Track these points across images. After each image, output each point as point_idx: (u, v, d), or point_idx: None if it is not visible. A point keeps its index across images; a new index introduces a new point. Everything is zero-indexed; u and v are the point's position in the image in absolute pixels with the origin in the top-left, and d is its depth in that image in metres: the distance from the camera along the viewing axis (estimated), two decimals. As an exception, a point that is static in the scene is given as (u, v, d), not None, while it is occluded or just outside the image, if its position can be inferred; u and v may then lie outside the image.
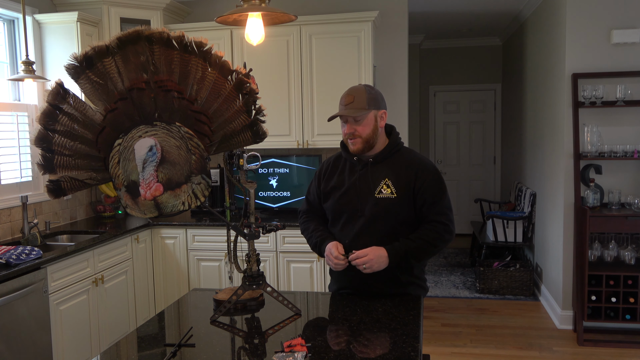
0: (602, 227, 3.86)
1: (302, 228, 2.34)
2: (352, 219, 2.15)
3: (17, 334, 2.80)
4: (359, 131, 2.10)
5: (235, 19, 2.05)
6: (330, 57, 4.18)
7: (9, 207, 3.60)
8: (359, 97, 2.10)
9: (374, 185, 2.13)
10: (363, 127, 2.10)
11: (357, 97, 2.10)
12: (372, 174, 2.15)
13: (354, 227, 2.14)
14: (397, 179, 2.12)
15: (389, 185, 2.12)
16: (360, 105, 2.09)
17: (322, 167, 2.32)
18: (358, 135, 2.11)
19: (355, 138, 2.11)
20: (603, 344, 3.91)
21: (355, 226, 2.14)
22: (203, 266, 4.12)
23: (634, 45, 4.00)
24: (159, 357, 1.69)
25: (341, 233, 2.18)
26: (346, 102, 2.10)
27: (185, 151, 1.79)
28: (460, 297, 5.12)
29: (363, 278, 2.10)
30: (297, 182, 4.32)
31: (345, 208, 2.17)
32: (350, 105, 2.09)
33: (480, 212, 6.63)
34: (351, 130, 2.11)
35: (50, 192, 1.89)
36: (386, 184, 2.12)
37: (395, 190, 2.11)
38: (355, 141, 2.12)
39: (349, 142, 2.14)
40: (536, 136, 5.26)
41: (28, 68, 3.37)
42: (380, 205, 2.11)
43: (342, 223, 2.19)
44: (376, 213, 2.11)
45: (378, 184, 2.13)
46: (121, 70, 1.77)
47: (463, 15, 6.06)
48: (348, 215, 2.16)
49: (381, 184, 2.12)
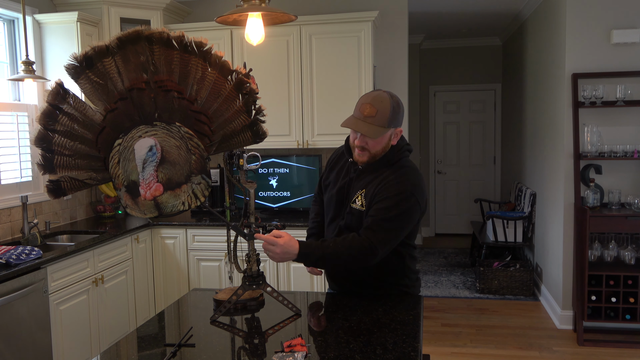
0: (602, 227, 3.86)
1: (310, 209, 2.42)
2: (335, 219, 2.18)
3: (17, 334, 2.80)
4: (370, 146, 2.00)
5: (235, 19, 2.06)
6: (330, 57, 4.18)
7: (9, 207, 3.60)
8: (382, 112, 1.93)
9: (352, 194, 2.09)
10: (375, 143, 1.99)
11: (380, 111, 1.93)
12: (355, 182, 2.10)
13: (335, 229, 2.16)
14: (369, 191, 2.03)
15: (362, 197, 2.04)
16: (381, 122, 1.94)
17: (332, 155, 2.31)
18: (368, 149, 2.01)
19: (364, 151, 2.02)
20: (603, 344, 3.91)
21: (336, 227, 2.16)
22: (203, 266, 4.12)
23: (634, 45, 4.00)
24: (159, 357, 1.69)
25: (328, 229, 2.23)
26: (367, 114, 1.93)
27: (185, 151, 1.79)
28: (460, 297, 5.12)
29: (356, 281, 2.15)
30: (297, 182, 4.32)
31: (332, 208, 2.19)
32: (371, 120, 1.93)
33: (480, 212, 6.63)
34: (362, 144, 2.00)
35: (50, 192, 1.89)
36: (361, 194, 2.05)
37: (364, 203, 2.03)
38: (363, 154, 2.03)
39: (357, 151, 2.04)
40: (536, 136, 5.25)
41: (28, 68, 3.37)
42: (353, 215, 2.07)
43: (329, 218, 2.22)
44: (349, 221, 2.09)
45: (354, 194, 2.07)
46: (121, 70, 1.77)
47: (463, 15, 6.06)
48: (333, 215, 2.19)
49: (357, 194, 2.06)
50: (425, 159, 7.91)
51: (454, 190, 7.91)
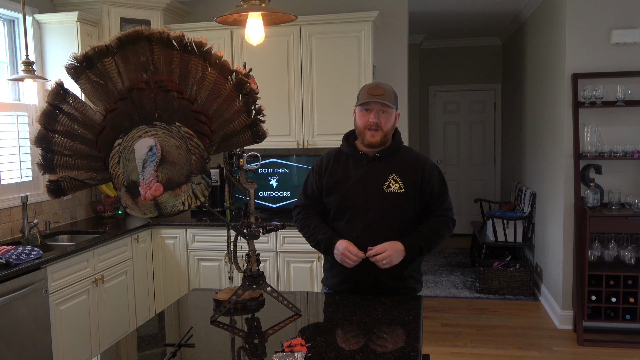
0: (602, 227, 3.86)
1: (301, 225, 2.27)
2: (359, 213, 2.15)
3: (17, 334, 2.80)
4: (383, 122, 2.14)
5: (235, 19, 2.05)
6: (330, 57, 4.18)
7: (9, 207, 3.60)
8: (389, 92, 2.15)
9: (382, 179, 2.16)
10: (386, 121, 2.15)
11: (387, 91, 2.14)
12: (378, 169, 2.18)
13: (362, 221, 2.14)
14: (404, 174, 2.17)
15: (397, 180, 2.16)
16: (389, 99, 2.14)
17: (321, 162, 2.28)
18: (381, 127, 2.14)
19: (377, 130, 2.14)
20: (603, 344, 3.90)
21: (364, 220, 2.13)
22: (203, 266, 4.12)
23: (634, 45, 4.00)
24: (159, 357, 1.69)
25: (347, 227, 2.16)
26: (377, 93, 2.13)
27: (185, 151, 1.79)
28: (460, 297, 5.12)
29: (369, 272, 2.11)
30: (297, 182, 4.32)
31: (352, 202, 2.16)
32: (382, 97, 2.12)
33: (480, 212, 6.63)
34: (377, 119, 2.13)
35: (50, 192, 1.89)
36: (394, 178, 2.16)
37: (403, 185, 2.15)
38: (377, 133, 2.14)
39: (369, 133, 2.15)
40: (536, 136, 5.25)
41: (28, 68, 3.37)
42: (388, 200, 2.14)
43: (347, 217, 2.17)
44: (384, 207, 2.13)
45: (386, 179, 2.16)
46: (121, 70, 1.77)
47: (463, 15, 6.06)
48: (355, 209, 2.15)
49: (389, 179, 2.16)
50: (425, 159, 7.90)
51: (454, 190, 7.90)
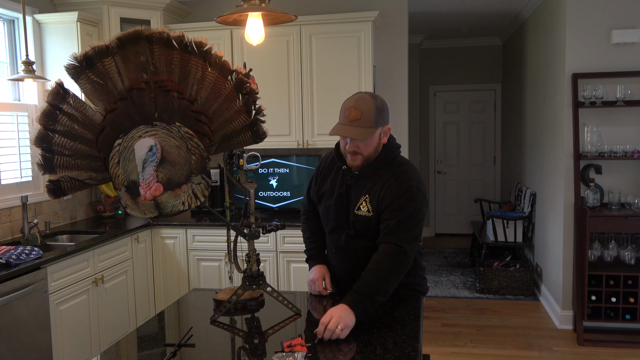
0: (602, 227, 3.86)
1: (302, 228, 2.34)
2: (338, 228, 2.13)
3: (17, 334, 2.80)
4: (362, 149, 1.98)
5: (235, 19, 2.05)
6: (330, 57, 4.18)
7: (9, 207, 3.60)
8: (367, 114, 1.91)
9: (355, 201, 2.05)
10: (366, 145, 1.97)
11: (364, 113, 1.91)
12: (356, 188, 2.06)
13: (339, 239, 2.12)
14: (374, 196, 2.00)
15: (367, 202, 2.01)
16: (367, 124, 1.92)
17: (320, 165, 2.26)
18: (360, 152, 1.98)
19: (356, 155, 1.99)
20: (603, 344, 3.90)
21: (340, 238, 2.12)
22: (203, 266, 4.12)
23: (634, 45, 4.00)
24: (159, 357, 1.69)
25: (330, 239, 2.19)
26: (352, 118, 1.91)
27: (185, 151, 1.79)
28: (460, 297, 5.12)
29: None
30: (297, 182, 4.32)
31: (332, 217, 2.14)
32: (357, 123, 1.91)
33: (480, 212, 6.63)
34: (354, 148, 1.98)
35: (50, 192, 1.89)
36: (365, 200, 2.02)
37: (371, 208, 2.00)
38: (356, 157, 2.00)
39: (349, 157, 2.01)
40: (536, 136, 5.26)
41: (28, 68, 3.37)
42: (358, 222, 2.04)
43: (330, 229, 2.17)
44: (356, 228, 2.06)
45: (358, 200, 2.04)
46: (121, 70, 1.77)
47: (463, 15, 6.06)
48: (335, 223, 2.14)
49: (360, 200, 2.03)
50: (425, 159, 7.91)
51: (454, 190, 7.91)
